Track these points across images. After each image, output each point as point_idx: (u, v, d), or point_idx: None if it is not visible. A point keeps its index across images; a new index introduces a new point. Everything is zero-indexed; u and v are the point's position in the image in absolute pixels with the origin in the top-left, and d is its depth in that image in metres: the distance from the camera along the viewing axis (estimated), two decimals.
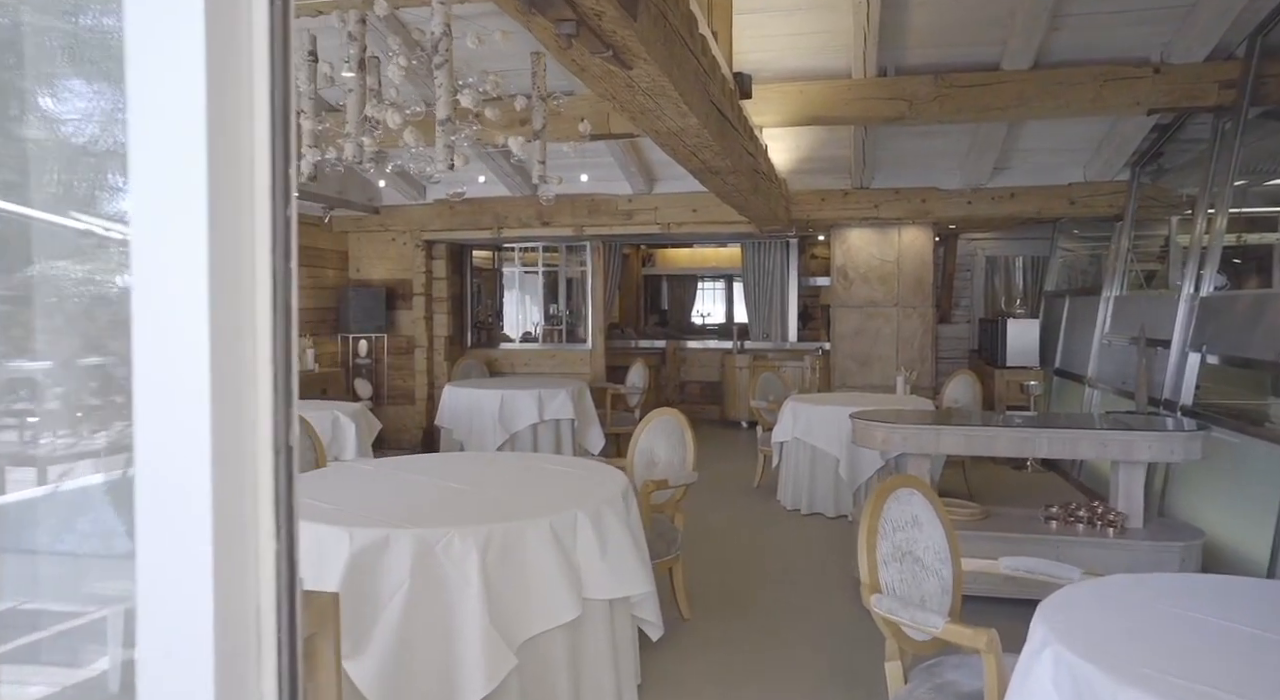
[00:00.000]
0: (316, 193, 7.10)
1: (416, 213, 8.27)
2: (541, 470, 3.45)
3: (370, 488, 3.17)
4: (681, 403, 10.95)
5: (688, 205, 7.61)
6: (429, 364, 8.64)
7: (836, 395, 6.67)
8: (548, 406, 7.08)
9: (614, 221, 7.76)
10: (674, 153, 3.61)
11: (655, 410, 4.26)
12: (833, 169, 7.27)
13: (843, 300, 8.02)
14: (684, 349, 11.06)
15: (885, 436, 4.00)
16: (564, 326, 9.81)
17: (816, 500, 5.95)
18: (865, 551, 2.28)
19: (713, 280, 16.07)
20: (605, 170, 7.44)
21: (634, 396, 8.13)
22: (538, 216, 7.89)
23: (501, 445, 6.97)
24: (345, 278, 8.83)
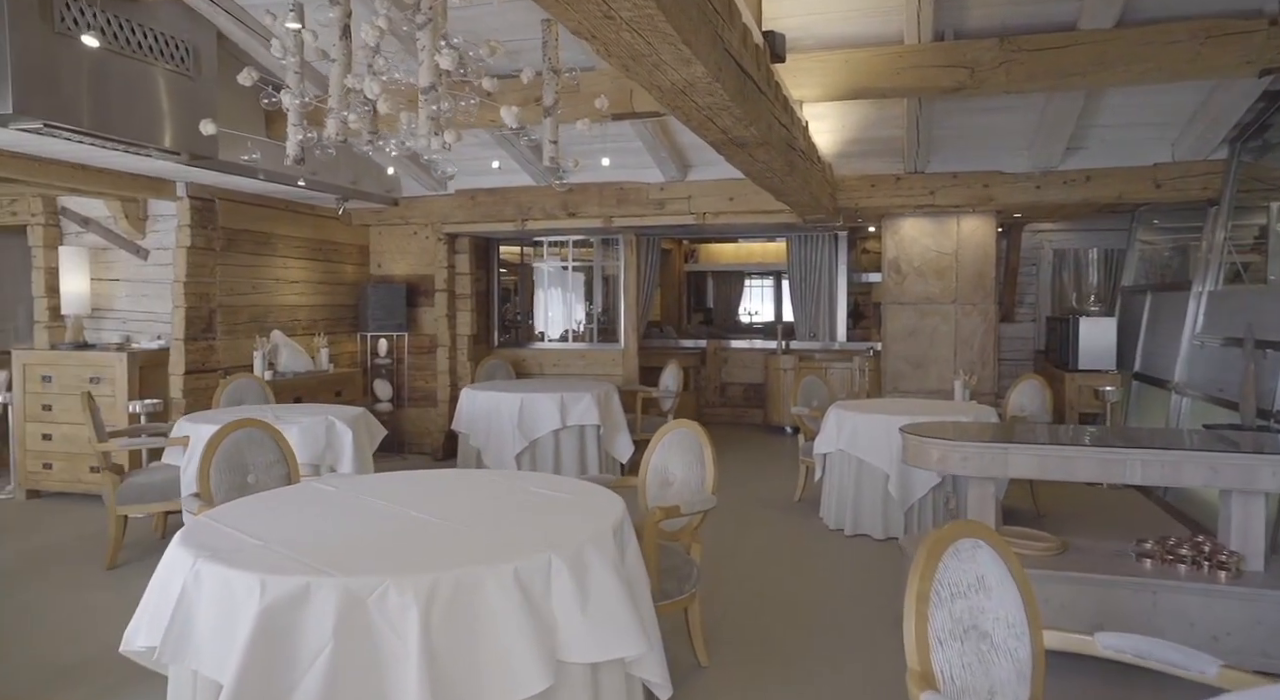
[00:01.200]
0: (326, 182, 6.69)
1: (437, 204, 7.83)
2: (526, 496, 2.91)
3: (314, 516, 2.66)
4: (722, 406, 10.35)
5: (724, 193, 7.01)
6: (451, 364, 8.19)
7: (886, 402, 6.02)
8: (571, 411, 6.56)
9: (644, 212, 7.21)
10: (688, 119, 3.04)
11: (670, 422, 3.69)
12: (883, 151, 6.60)
13: (895, 296, 7.33)
14: (725, 349, 10.45)
15: (942, 456, 3.37)
16: (595, 325, 9.30)
17: (862, 519, 5.32)
18: (913, 628, 1.69)
19: (760, 277, 15.41)
20: (634, 156, 6.88)
21: (667, 400, 7.57)
22: (563, 207, 7.38)
23: (521, 452, 6.48)
24: (366, 273, 8.44)
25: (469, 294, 8.26)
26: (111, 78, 4.59)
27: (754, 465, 7.72)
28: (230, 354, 6.65)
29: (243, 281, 6.81)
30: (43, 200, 6.78)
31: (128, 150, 4.94)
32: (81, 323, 6.77)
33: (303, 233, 7.52)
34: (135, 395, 6.16)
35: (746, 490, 6.69)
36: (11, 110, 4.08)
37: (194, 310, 6.32)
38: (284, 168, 6.27)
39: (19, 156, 5.19)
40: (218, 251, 6.54)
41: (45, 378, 6.40)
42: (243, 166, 5.98)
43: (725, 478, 7.25)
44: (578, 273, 9.36)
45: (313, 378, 7.01)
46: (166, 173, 5.91)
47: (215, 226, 6.50)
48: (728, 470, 7.45)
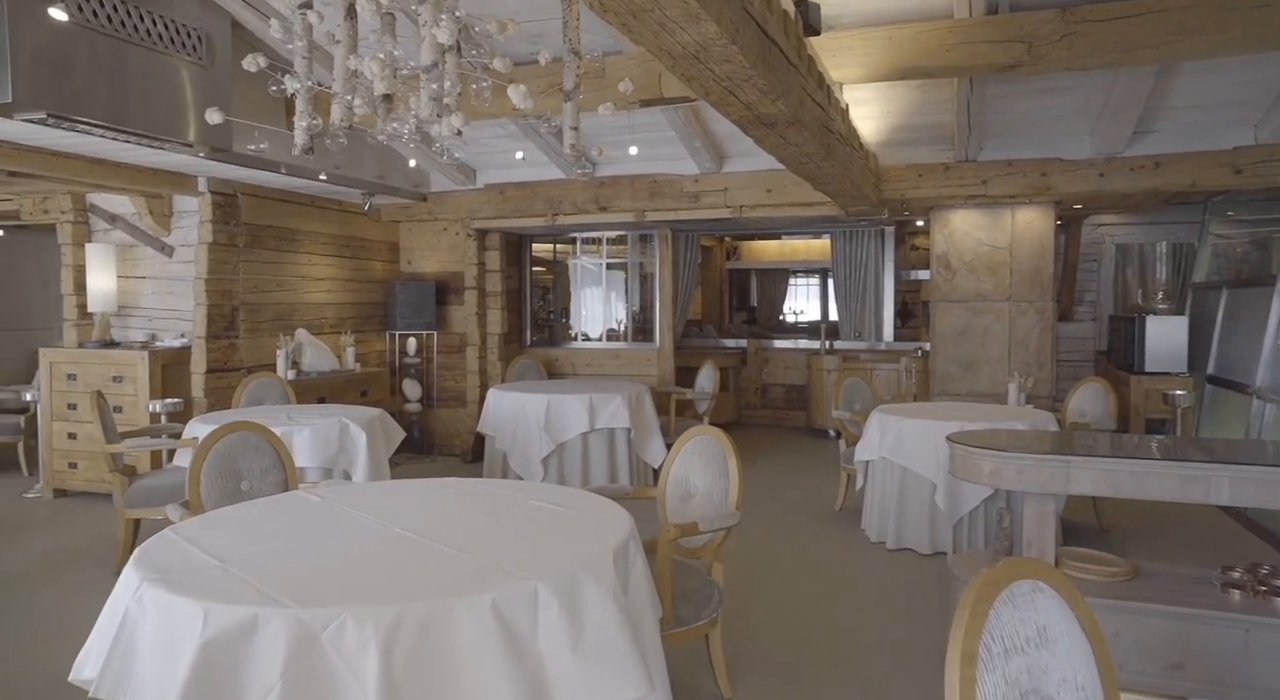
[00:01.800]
0: (350, 176, 6.51)
1: (465, 199, 7.62)
2: (525, 511, 2.63)
3: (287, 532, 2.42)
4: (763, 408, 9.99)
5: (761, 185, 6.67)
6: (481, 364, 7.98)
7: (933, 406, 5.62)
8: (600, 413, 6.29)
9: (678, 205, 6.90)
10: (707, 93, 2.74)
11: (691, 429, 3.39)
12: (931, 138, 6.19)
13: (944, 294, 6.90)
14: (767, 349, 10.08)
15: (995, 469, 3.01)
16: (630, 324, 9.02)
17: (907, 533, 4.94)
18: (958, 696, 1.36)
19: (805, 275, 15.00)
20: (667, 147, 6.58)
21: (702, 402, 7.25)
22: (594, 201, 7.11)
23: (548, 456, 6.22)
24: (396, 271, 8.28)
25: (499, 292, 8.04)
26: (120, 67, 4.44)
27: (792, 471, 7.36)
28: (253, 353, 6.51)
29: (267, 279, 6.67)
30: (71, 197, 6.73)
31: (139, 143, 4.79)
32: (108, 320, 6.70)
33: (329, 229, 7.37)
34: (157, 394, 6.05)
35: (783, 498, 6.35)
36: (11, 99, 3.94)
37: (216, 308, 6.19)
38: (306, 161, 6.11)
39: (38, 151, 5.08)
40: (241, 248, 6.41)
41: (70, 376, 6.33)
42: (265, 160, 5.82)
43: (761, 484, 6.96)
44: (613, 270, 9.09)
45: (338, 377, 6.85)
46: (188, 167, 5.78)
47: (238, 222, 6.37)
48: (764, 475, 7.11)
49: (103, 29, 4.31)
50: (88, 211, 6.83)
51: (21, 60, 3.97)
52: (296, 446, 4.58)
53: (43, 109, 4.13)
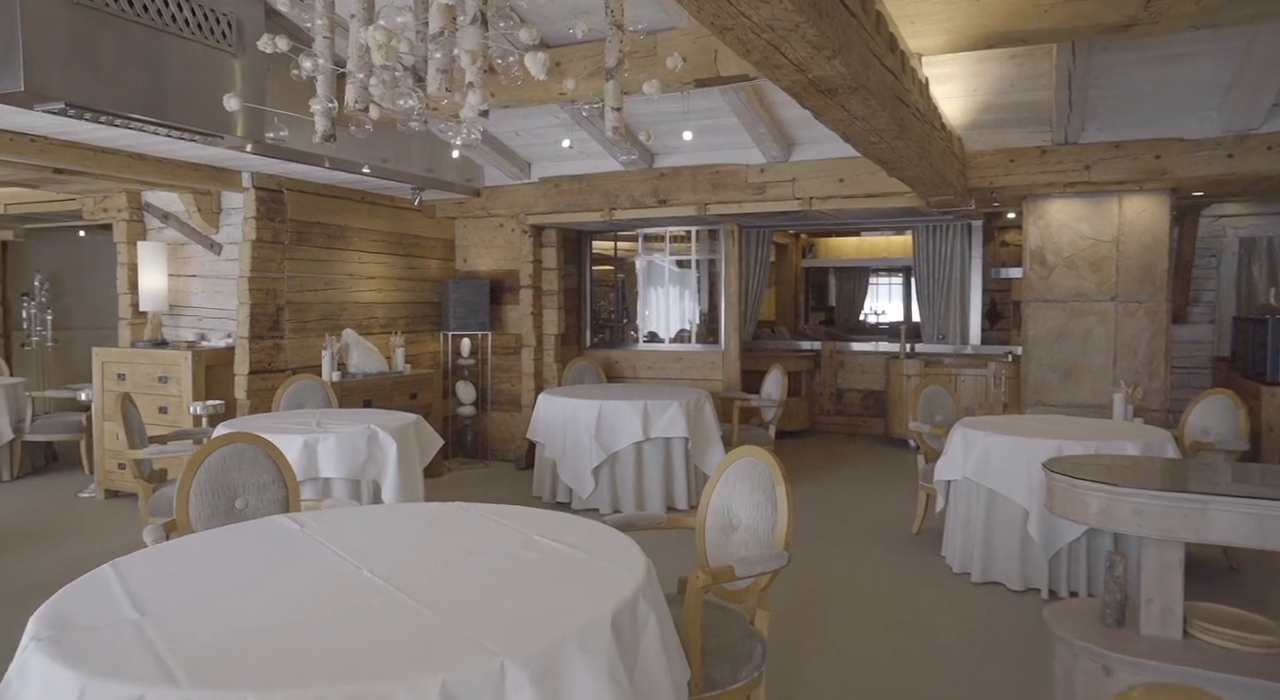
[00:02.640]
0: (397, 170, 6.24)
1: (519, 194, 7.28)
2: (524, 550, 2.21)
3: (236, 574, 2.05)
4: (838, 414, 9.38)
5: (833, 174, 6.11)
6: (537, 366, 7.64)
7: (1026, 419, 4.98)
8: (655, 422, 5.85)
9: (742, 197, 6.40)
10: (748, 50, 2.27)
11: (737, 450, 2.91)
12: (1025, 119, 5.53)
13: (1039, 293, 6.21)
14: (842, 351, 9.47)
15: (1105, 508, 2.44)
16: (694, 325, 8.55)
17: (994, 564, 4.34)
18: None
19: (887, 274, 14.26)
20: (730, 134, 6.09)
21: (769, 409, 6.73)
22: (653, 194, 6.67)
23: (599, 466, 5.82)
24: (452, 269, 8.01)
25: (556, 291, 7.68)
26: (143, 55, 4.23)
27: (866, 485, 6.78)
28: (299, 353, 6.31)
29: (313, 277, 6.47)
30: (126, 196, 6.67)
31: (165, 134, 4.58)
32: (160, 320, 6.62)
33: (380, 226, 7.14)
34: (201, 395, 5.90)
35: (853, 516, 5.78)
36: (23, 87, 3.74)
37: (259, 307, 6.00)
38: (350, 154, 5.87)
39: (74, 146, 4.95)
40: (286, 245, 6.21)
41: (120, 376, 6.25)
42: (308, 154, 5.59)
43: (830, 499, 6.40)
44: (676, 268, 8.64)
45: (385, 380, 6.59)
46: (230, 161, 5.60)
47: (284, 219, 6.17)
48: (834, 490, 6.55)
49: (123, 14, 4.09)
50: (143, 210, 6.77)
51: (34, 47, 3.77)
52: (321, 455, 4.29)
53: (60, 99, 3.93)
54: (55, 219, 8.11)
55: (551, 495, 6.10)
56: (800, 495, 6.39)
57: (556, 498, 6.08)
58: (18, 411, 7.12)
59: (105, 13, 4.01)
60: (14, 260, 9.57)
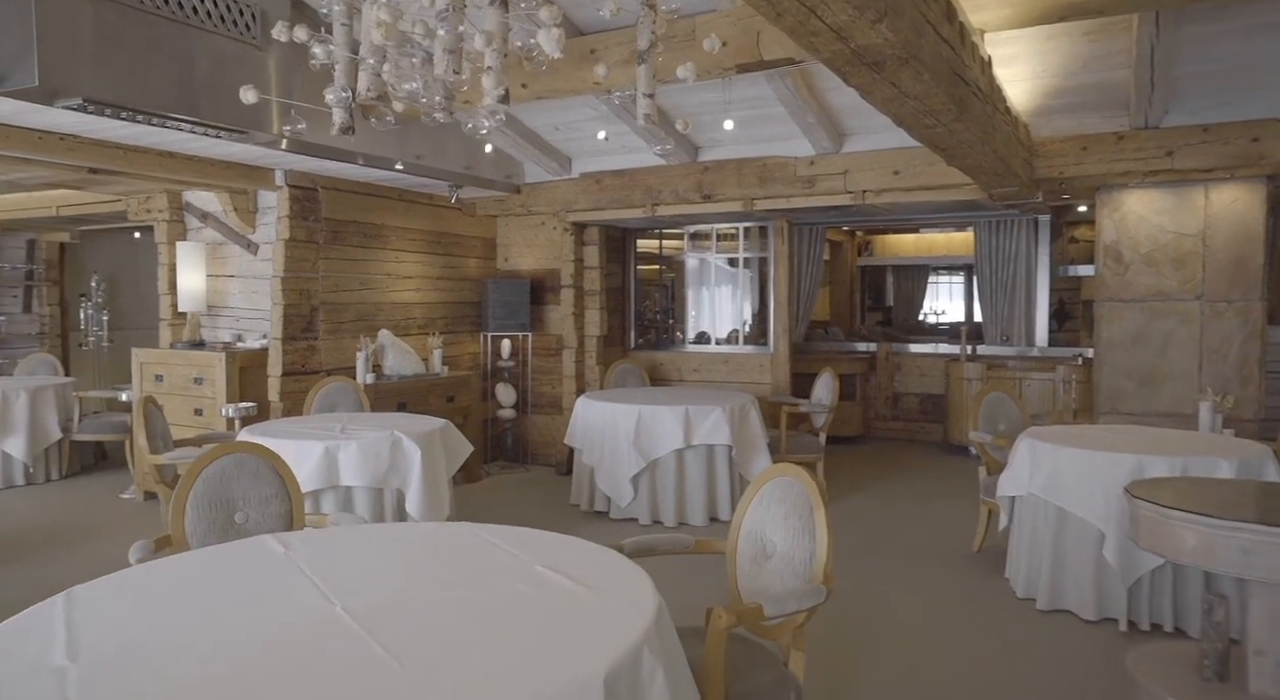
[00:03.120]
0: (432, 166, 6.07)
1: (560, 190, 7.06)
2: (521, 585, 1.96)
3: (200, 607, 1.84)
4: (894, 419, 8.96)
5: (887, 166, 5.74)
6: (579, 368, 7.41)
7: (1100, 431, 4.55)
8: (697, 428, 5.56)
9: (791, 191, 6.06)
10: (778, 12, 1.97)
11: (773, 467, 2.62)
12: (1098, 102, 5.08)
13: (1114, 291, 5.74)
14: (899, 353, 9.04)
15: (1204, 544, 2.08)
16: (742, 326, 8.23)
17: (1065, 591, 3.94)
18: None
19: (947, 272, 13.72)
20: (777, 125, 5.76)
21: (819, 415, 6.38)
22: (697, 189, 6.37)
23: (638, 474, 5.55)
24: (494, 268, 7.84)
25: (598, 290, 7.44)
26: (165, 49, 4.10)
27: (922, 496, 6.38)
28: (334, 355, 6.19)
29: (349, 277, 6.34)
30: (167, 196, 6.65)
31: (194, 130, 4.46)
32: (199, 320, 6.57)
33: (419, 224, 6.99)
34: (235, 397, 5.81)
35: (908, 531, 5.41)
36: (38, 82, 3.64)
37: (293, 307, 5.89)
38: (385, 151, 5.71)
39: (105, 145, 4.88)
40: (321, 244, 6.09)
41: (158, 377, 6.21)
42: (342, 151, 5.45)
43: (883, 512, 6.00)
44: (724, 267, 8.33)
45: (421, 382, 6.43)
46: (261, 159, 5.49)
47: (318, 217, 6.06)
48: (888, 501, 6.16)
49: (143, 7, 3.97)
50: (183, 210, 6.73)
51: (50, 42, 3.66)
52: (343, 463, 4.12)
53: (77, 94, 3.82)
54: (104, 220, 8.18)
55: (589, 503, 5.86)
56: (851, 507, 6.03)
57: (594, 506, 5.83)
58: (66, 411, 7.16)
59: (124, 5, 3.90)
60: (71, 261, 9.73)
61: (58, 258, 9.46)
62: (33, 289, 9.24)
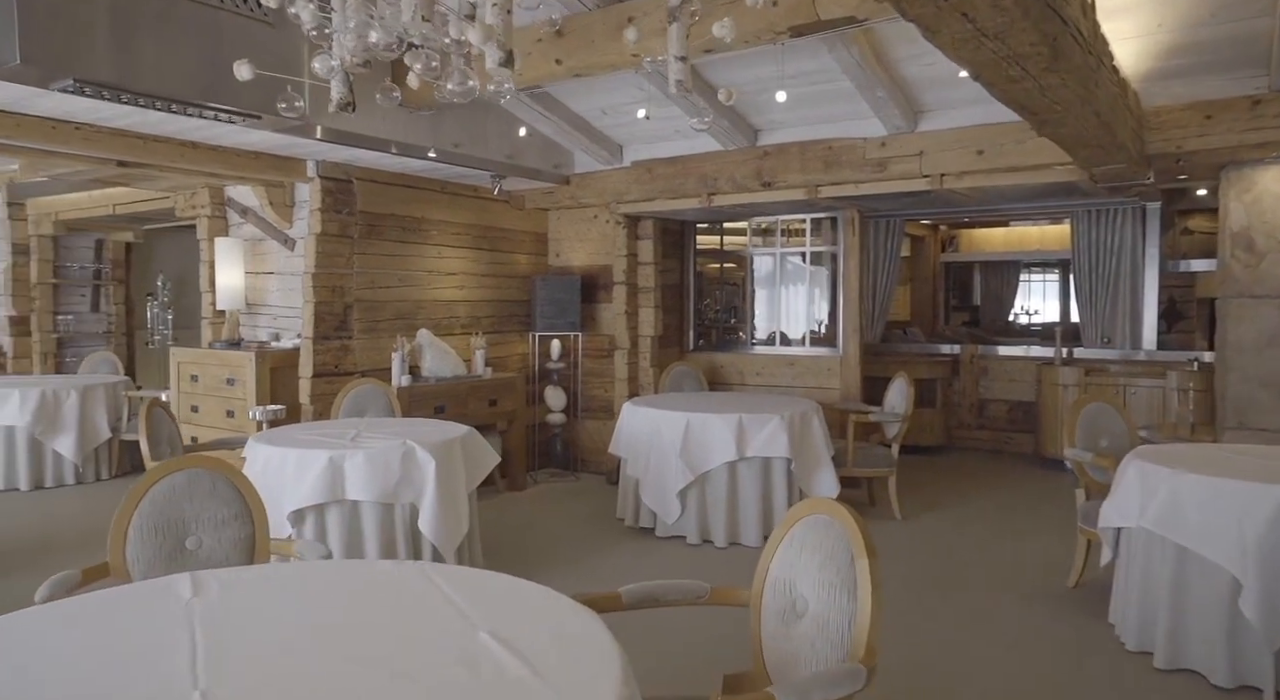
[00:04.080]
0: (471, 155, 5.69)
1: (610, 180, 6.60)
2: (460, 658, 1.49)
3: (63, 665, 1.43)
4: (979, 428, 8.20)
5: (969, 145, 5.07)
6: (631, 370, 6.95)
7: (1231, 452, 3.81)
8: (751, 438, 5.02)
9: (860, 176, 5.45)
10: None
11: (804, 503, 2.09)
12: (1229, 61, 4.32)
13: (1244, 286, 4.93)
14: (985, 356, 8.26)
15: None
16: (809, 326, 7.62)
17: (1188, 646, 3.25)
18: None
19: (1041, 268, 12.78)
20: (843, 103, 5.17)
21: (891, 425, 5.75)
22: (755, 176, 5.82)
23: (686, 488, 5.05)
24: (545, 265, 7.45)
25: (653, 287, 6.96)
26: (162, 27, 3.81)
27: (1009, 518, 5.67)
28: (369, 355, 5.88)
29: (386, 273, 6.03)
30: (209, 191, 6.47)
31: (204, 114, 4.17)
32: (238, 319, 6.37)
33: (463, 218, 6.64)
34: (265, 399, 5.56)
35: (992, 560, 4.74)
36: (19, 60, 3.37)
37: (325, 305, 5.60)
38: (418, 139, 5.36)
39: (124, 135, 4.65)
40: (355, 239, 5.79)
41: (193, 377, 6.02)
42: (374, 139, 5.13)
43: (963, 534, 5.20)
44: (792, 263, 7.73)
45: (461, 384, 6.06)
46: (288, 149, 5.21)
47: (353, 210, 5.76)
48: (969, 522, 5.48)
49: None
50: (225, 205, 6.55)
51: (33, 14, 3.40)
52: (349, 474, 3.74)
53: (66, 75, 3.56)
54: (158, 219, 8.13)
55: (634, 518, 5.38)
56: (925, 528, 5.38)
57: (640, 522, 5.35)
58: (116, 410, 7.09)
59: None
60: (138, 261, 9.80)
61: (124, 257, 9.52)
62: (100, 288, 9.32)
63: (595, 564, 4.76)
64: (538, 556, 4.90)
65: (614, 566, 4.71)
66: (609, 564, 4.76)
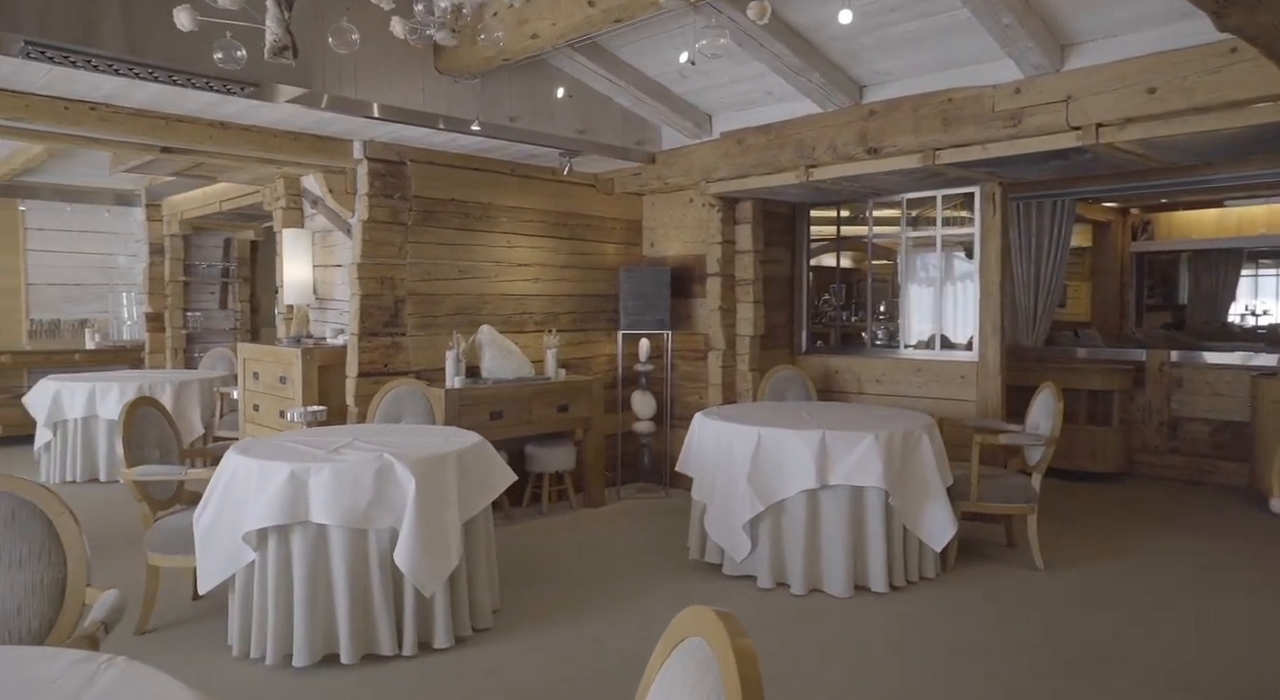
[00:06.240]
0: (533, 131, 5.04)
1: (697, 155, 5.76)
2: None
3: None
4: (1171, 452, 6.66)
5: (1137, 82, 3.80)
6: (727, 374, 6.08)
7: None
8: (836, 461, 4.05)
9: (987, 134, 4.29)
10: None
11: (681, 617, 1.21)
12: None
13: None
14: (1181, 364, 6.69)
15: None
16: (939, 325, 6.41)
17: None
18: None
19: (1274, 259, 10.67)
20: (963, 39, 4.07)
21: (1034, 450, 4.55)
22: (859, 140, 4.78)
23: (756, 518, 4.14)
24: (640, 256, 6.71)
25: (752, 280, 6.05)
26: None
27: (1209, 574, 4.31)
28: (423, 354, 5.38)
29: (444, 264, 5.51)
30: (285, 182, 6.24)
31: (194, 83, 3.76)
32: (306, 314, 6.09)
33: (537, 203, 6.02)
34: (314, 399, 5.18)
35: (1173, 638, 3.49)
36: None
37: (372, 299, 5.15)
38: (463, 112, 4.78)
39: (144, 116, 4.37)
40: (409, 226, 5.30)
41: (255, 374, 5.78)
42: (420, 113, 4.61)
43: (1136, 598, 3.77)
44: (923, 250, 6.54)
45: (524, 387, 5.43)
46: (318, 126, 4.77)
47: (405, 195, 5.27)
48: (1147, 579, 4.16)
49: None
50: (301, 196, 6.30)
51: None
52: (313, 492, 3.17)
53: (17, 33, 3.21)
54: (261, 216, 8.12)
55: (700, 551, 4.53)
56: (1078, 583, 4.16)
57: (706, 556, 4.49)
58: (210, 406, 7.07)
59: None
60: (263, 259, 9.99)
61: (249, 255, 9.72)
62: (227, 286, 9.56)
63: (643, 604, 3.97)
64: (577, 589, 4.17)
65: (665, 608, 3.89)
66: (658, 605, 3.95)
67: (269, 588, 3.21)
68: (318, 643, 3.23)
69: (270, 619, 3.21)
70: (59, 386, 6.71)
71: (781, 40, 4.17)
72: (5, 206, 8.63)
